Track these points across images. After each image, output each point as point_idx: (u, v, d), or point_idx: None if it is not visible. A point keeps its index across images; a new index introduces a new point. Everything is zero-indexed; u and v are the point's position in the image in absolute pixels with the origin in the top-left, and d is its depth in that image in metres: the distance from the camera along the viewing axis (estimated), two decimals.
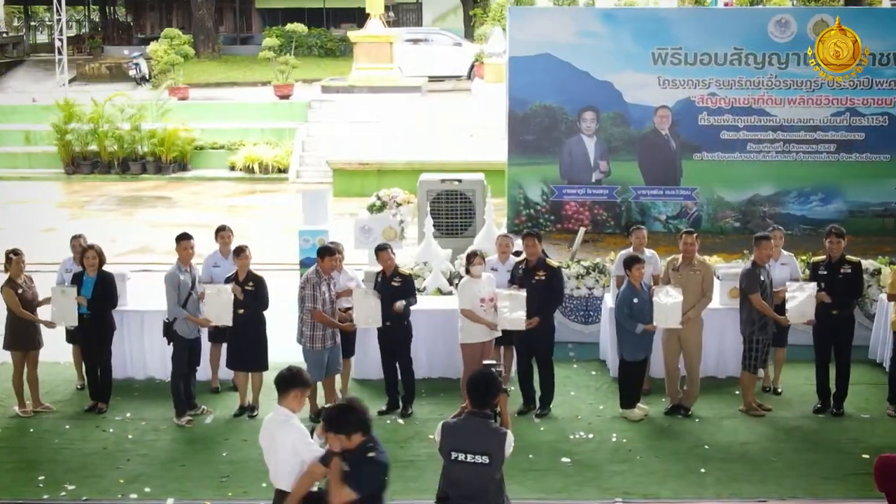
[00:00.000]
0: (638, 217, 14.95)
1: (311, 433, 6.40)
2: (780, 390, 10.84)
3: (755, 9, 19.99)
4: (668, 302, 9.91)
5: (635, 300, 9.96)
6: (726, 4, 34.05)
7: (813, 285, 10.10)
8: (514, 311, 9.94)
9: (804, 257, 11.76)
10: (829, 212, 14.89)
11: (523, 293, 9.97)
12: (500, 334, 10.21)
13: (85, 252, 10.31)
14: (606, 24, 14.79)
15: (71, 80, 38.63)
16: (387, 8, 47.34)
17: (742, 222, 14.92)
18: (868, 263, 12.09)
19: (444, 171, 15.78)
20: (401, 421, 10.15)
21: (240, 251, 10.08)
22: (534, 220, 15.05)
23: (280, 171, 24.57)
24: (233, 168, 24.90)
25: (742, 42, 14.60)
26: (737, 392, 10.58)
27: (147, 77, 34.79)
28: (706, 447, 9.46)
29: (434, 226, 14.50)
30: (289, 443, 6.22)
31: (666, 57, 14.65)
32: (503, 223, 15.38)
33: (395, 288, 10.14)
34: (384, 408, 10.31)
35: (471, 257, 10.12)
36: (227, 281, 10.15)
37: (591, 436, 9.73)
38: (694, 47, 14.62)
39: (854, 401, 10.50)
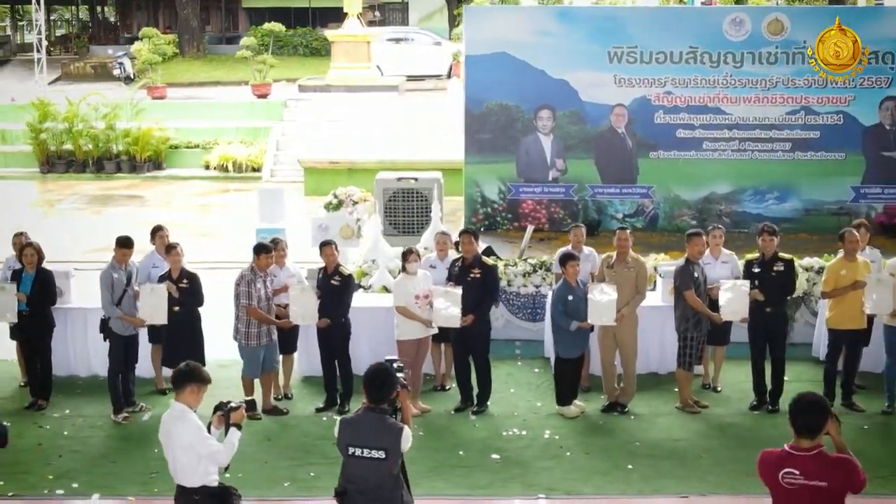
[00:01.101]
0: (595, 215, 14.99)
1: (209, 427, 6.44)
2: (719, 388, 10.88)
3: (710, 8, 20.03)
4: (602, 299, 9.94)
5: (570, 297, 10.01)
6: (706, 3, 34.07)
7: (746, 283, 10.13)
8: (449, 309, 9.98)
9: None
10: (785, 210, 14.92)
11: (458, 291, 10.01)
12: (435, 331, 10.25)
13: (23, 249, 10.34)
14: (562, 23, 14.81)
15: (56, 80, 38.72)
16: (372, 7, 47.65)
17: (699, 220, 14.92)
18: (814, 261, 12.14)
19: (415, 170, 15.84)
20: (336, 418, 10.16)
21: (170, 249, 10.12)
22: (491, 218, 15.09)
23: (254, 169, 24.60)
24: (207, 167, 24.94)
25: (697, 41, 14.63)
26: (675, 389, 10.61)
27: (131, 76, 34.86)
28: (637, 444, 9.51)
29: (390, 224, 14.62)
30: (185, 438, 6.26)
31: (622, 55, 14.67)
32: (461, 221, 15.44)
33: (333, 286, 10.18)
34: (322, 405, 10.35)
35: (406, 254, 10.15)
36: (162, 279, 10.19)
37: (524, 433, 9.77)
38: (649, 46, 14.64)
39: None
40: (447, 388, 10.77)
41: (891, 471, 8.90)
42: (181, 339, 10.15)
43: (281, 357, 10.77)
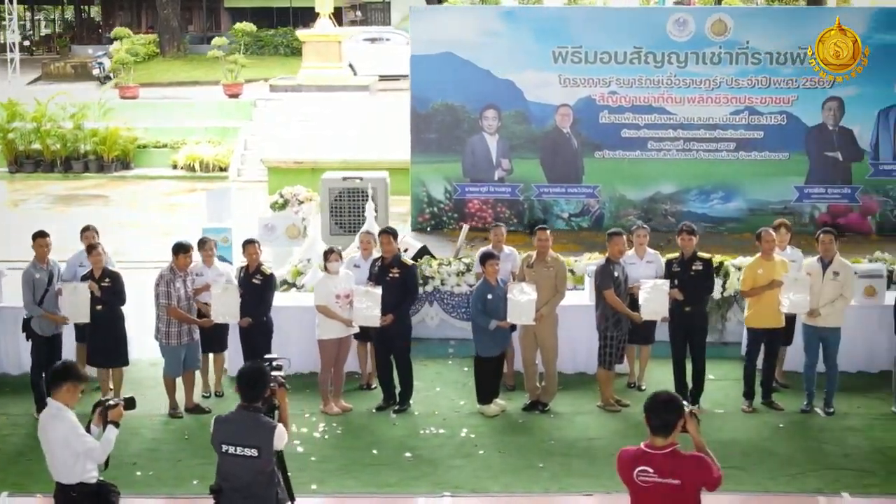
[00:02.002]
0: (540, 215, 15.04)
1: (88, 425, 6.49)
2: (643, 387, 10.93)
3: (654, 8, 20.07)
4: (521, 299, 9.99)
5: (489, 296, 10.06)
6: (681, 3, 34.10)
7: (665, 282, 10.18)
8: (368, 308, 10.03)
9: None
10: (730, 210, 14.97)
11: (378, 290, 10.05)
12: (356, 331, 10.30)
13: None
14: (507, 23, 14.86)
15: (36, 80, 38.77)
16: (354, 7, 47.66)
17: (644, 220, 14.92)
18: (746, 260, 12.16)
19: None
20: None
21: (92, 248, 10.18)
22: (437, 217, 15.13)
23: (221, 169, 24.65)
24: (175, 167, 24.98)
25: (642, 41, 14.67)
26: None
27: (110, 76, 34.91)
28: (552, 442, 9.56)
29: (336, 223, 14.67)
30: (60, 435, 6.31)
31: (566, 56, 14.72)
32: (407, 221, 15.50)
33: (255, 285, 10.23)
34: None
35: (327, 254, 10.21)
36: (85, 279, 10.23)
37: (441, 431, 9.82)
38: (594, 46, 14.68)
39: (714, 396, 10.60)
40: (373, 386, 10.81)
41: (800, 469, 8.96)
42: (106, 338, 10.20)
43: (211, 356, 10.84)
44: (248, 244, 10.29)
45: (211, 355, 10.81)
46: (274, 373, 6.66)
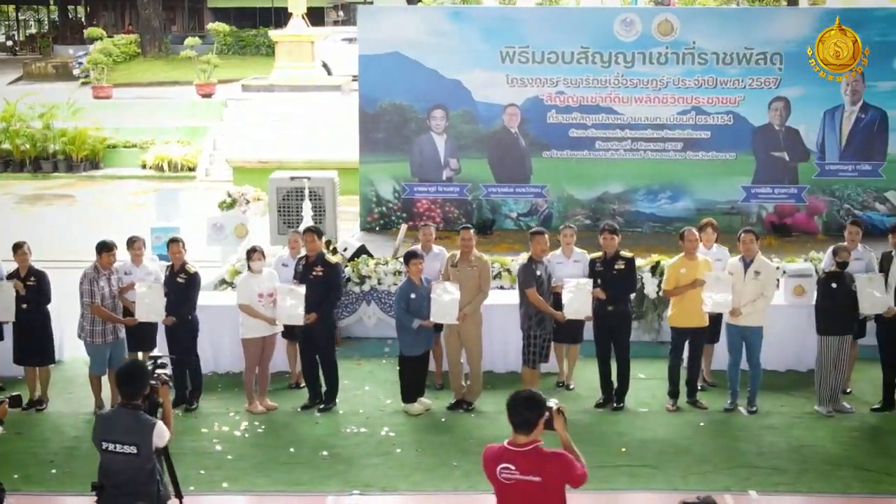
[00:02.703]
0: (489, 214, 15.06)
1: None
2: (571, 386, 10.98)
3: (601, 8, 20.04)
4: (445, 298, 10.02)
5: (413, 295, 10.09)
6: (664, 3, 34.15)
7: (589, 281, 10.21)
8: (292, 307, 10.06)
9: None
10: (678, 209, 14.98)
11: (302, 288, 10.08)
12: (280, 329, 10.32)
13: None
14: (454, 23, 14.87)
15: (18, 79, 38.80)
16: (336, 7, 47.69)
17: (592, 220, 14.98)
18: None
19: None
20: (181, 413, 10.24)
21: (17, 248, 10.20)
22: (386, 217, 15.14)
23: (190, 169, 24.68)
24: (144, 167, 25.02)
25: (589, 41, 14.68)
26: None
27: (93, 76, 34.98)
28: (471, 441, 9.56)
29: (284, 222, 14.67)
30: None
31: (514, 55, 14.73)
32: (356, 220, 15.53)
33: (179, 284, 10.25)
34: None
35: (250, 253, 10.23)
36: (10, 277, 10.25)
37: (363, 430, 9.84)
38: (541, 46, 14.69)
39: (640, 395, 10.64)
40: (301, 386, 10.82)
41: (712, 467, 9.00)
42: (32, 337, 10.23)
43: (140, 354, 10.85)
44: (172, 243, 10.32)
45: (140, 354, 10.81)
46: (158, 371, 6.69)
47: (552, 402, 5.87)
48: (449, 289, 10.04)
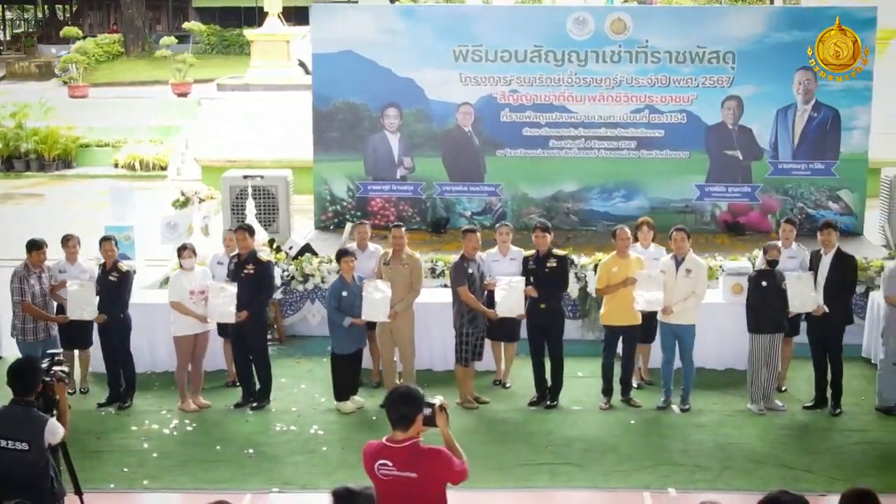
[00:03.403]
0: (443, 213, 15.04)
1: None
2: (508, 384, 10.98)
3: (554, 7, 19.95)
4: (376, 296, 10.03)
5: (344, 293, 10.10)
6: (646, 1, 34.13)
7: (521, 279, 10.22)
8: (224, 305, 10.06)
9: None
10: (632, 208, 14.94)
11: (233, 287, 10.08)
12: (211, 327, 10.32)
13: None
14: (407, 22, 14.85)
15: (0, 79, 38.81)
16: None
17: (547, 218, 14.92)
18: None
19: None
20: (113, 411, 10.25)
21: None
22: (340, 216, 15.11)
23: (162, 168, 24.68)
24: (116, 166, 25.02)
25: (542, 40, 14.65)
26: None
27: (75, 76, 35.00)
28: None
29: (238, 221, 14.64)
30: None
31: (467, 54, 14.71)
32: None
33: (111, 282, 10.25)
34: (103, 400, 10.43)
35: (180, 250, 10.23)
36: None
37: (293, 428, 9.85)
38: (494, 45, 14.65)
39: (575, 394, 10.65)
40: (238, 384, 10.80)
41: (635, 465, 9.01)
42: None
43: (77, 352, 10.86)
44: (104, 241, 10.32)
45: (76, 352, 10.82)
46: (55, 368, 6.68)
47: (436, 399, 5.88)
48: (380, 287, 10.05)
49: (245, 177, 14.61)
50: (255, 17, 45.42)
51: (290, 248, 12.83)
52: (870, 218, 14.97)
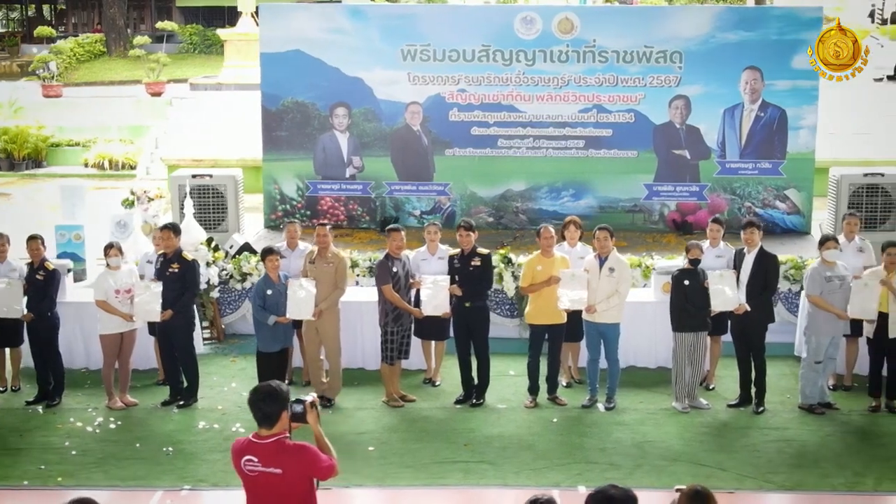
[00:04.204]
0: (392, 212, 15.08)
1: None
2: (438, 382, 11.01)
3: (501, 6, 20.02)
4: (300, 294, 10.06)
5: (269, 292, 10.12)
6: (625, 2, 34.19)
7: (446, 278, 10.25)
8: (149, 303, 10.09)
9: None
10: (580, 207, 14.98)
11: (159, 285, 10.12)
12: (138, 325, 10.35)
13: None
14: (354, 21, 14.89)
15: None
16: None
17: (496, 217, 15.05)
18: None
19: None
20: (41, 409, 10.28)
21: None
22: (290, 215, 15.14)
23: (131, 167, 24.69)
24: (86, 165, 25.04)
25: (490, 39, 14.70)
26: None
27: (54, 75, 35.00)
28: None
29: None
30: None
31: (415, 54, 14.76)
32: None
33: (38, 281, 10.28)
34: (31, 399, 10.46)
35: (106, 249, 10.26)
36: None
37: (216, 426, 9.87)
38: (442, 44, 14.72)
39: (503, 392, 10.68)
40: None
41: (548, 463, 9.03)
42: None
43: (8, 350, 10.90)
44: (31, 240, 10.35)
45: (8, 350, 10.86)
46: None
47: (308, 397, 5.91)
48: (304, 285, 10.08)
49: (193, 176, 14.65)
50: (238, 16, 45.44)
51: (231, 246, 12.87)
52: (818, 217, 15.00)
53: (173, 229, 10.30)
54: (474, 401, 10.36)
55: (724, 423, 9.95)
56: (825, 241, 10.08)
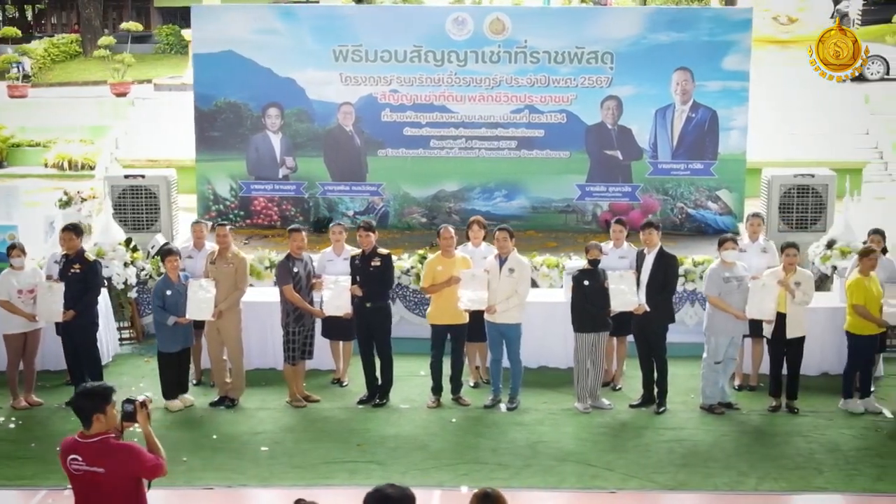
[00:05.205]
0: (325, 212, 15.10)
1: None
2: (345, 383, 11.02)
3: (433, 7, 20.01)
4: (201, 295, 10.08)
5: (168, 292, 10.15)
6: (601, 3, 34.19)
7: (347, 278, 10.27)
8: (53, 303, 10.11)
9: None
10: (513, 208, 15.04)
11: (61, 286, 10.13)
12: (43, 325, 10.36)
13: None
14: (286, 22, 14.91)
15: None
16: None
17: (429, 217, 15.08)
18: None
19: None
20: None
21: None
22: (224, 215, 15.17)
23: (90, 168, 24.68)
24: (46, 165, 25.04)
25: (421, 40, 14.73)
26: (304, 384, 10.75)
27: (28, 75, 35.02)
28: (214, 437, 9.63)
29: (120, 220, 14.71)
30: None
31: (347, 54, 14.79)
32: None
33: None
34: None
35: (9, 249, 10.28)
36: None
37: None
38: (374, 45, 14.75)
39: (408, 392, 10.69)
40: None
41: (436, 463, 9.07)
42: None
43: None
44: None
45: None
46: None
47: (140, 397, 5.94)
48: (204, 286, 10.10)
49: (126, 177, 14.66)
50: None
51: (153, 247, 12.88)
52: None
53: (74, 230, 10.30)
54: (377, 401, 10.37)
55: (622, 424, 9.97)
56: (724, 242, 10.09)
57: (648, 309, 10.07)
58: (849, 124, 20.47)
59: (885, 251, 10.58)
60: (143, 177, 14.61)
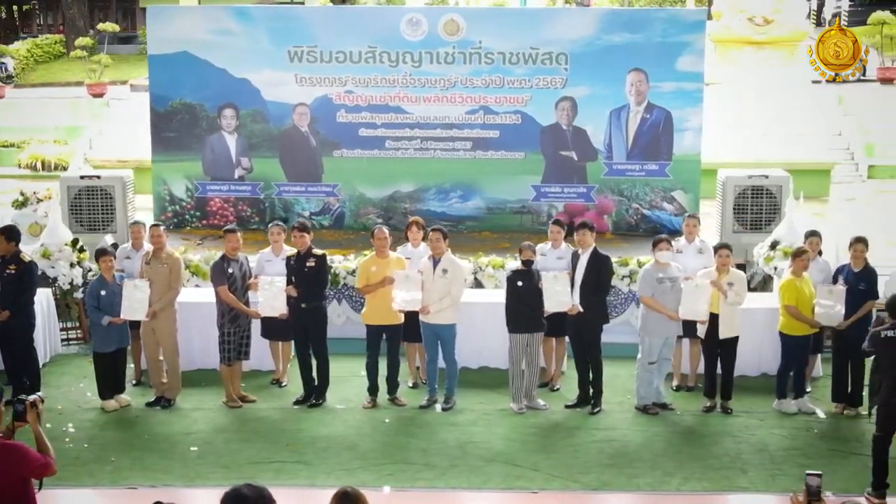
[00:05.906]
0: (282, 213, 15.10)
1: None
2: (284, 383, 11.07)
3: (387, 8, 20.05)
4: (135, 295, 10.09)
5: (103, 292, 10.16)
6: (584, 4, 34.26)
7: (282, 279, 10.27)
8: None
9: None
10: (469, 208, 15.05)
11: None
12: None
13: None
14: (241, 23, 14.89)
15: None
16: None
17: (384, 218, 15.03)
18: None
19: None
20: None
21: None
22: (180, 216, 15.19)
23: (63, 168, 24.68)
24: (19, 166, 25.05)
25: (376, 41, 14.73)
26: (242, 384, 10.77)
27: (11, 76, 35.11)
28: (146, 437, 9.65)
29: (77, 221, 14.72)
30: None
31: (302, 55, 14.79)
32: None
33: None
34: None
35: None
36: None
37: (48, 426, 9.64)
38: (329, 45, 14.74)
39: (346, 392, 10.70)
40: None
41: (365, 462, 9.10)
42: None
43: None
44: None
45: None
46: None
47: (32, 396, 5.96)
48: (139, 286, 10.12)
49: (81, 177, 14.67)
50: None
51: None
52: (704, 220, 14.99)
53: (5, 234, 10.28)
54: (314, 401, 10.38)
55: (555, 424, 9.98)
56: (658, 243, 10.11)
57: (582, 310, 10.08)
58: (822, 125, 20.49)
59: (820, 253, 10.58)
60: (98, 177, 14.62)
